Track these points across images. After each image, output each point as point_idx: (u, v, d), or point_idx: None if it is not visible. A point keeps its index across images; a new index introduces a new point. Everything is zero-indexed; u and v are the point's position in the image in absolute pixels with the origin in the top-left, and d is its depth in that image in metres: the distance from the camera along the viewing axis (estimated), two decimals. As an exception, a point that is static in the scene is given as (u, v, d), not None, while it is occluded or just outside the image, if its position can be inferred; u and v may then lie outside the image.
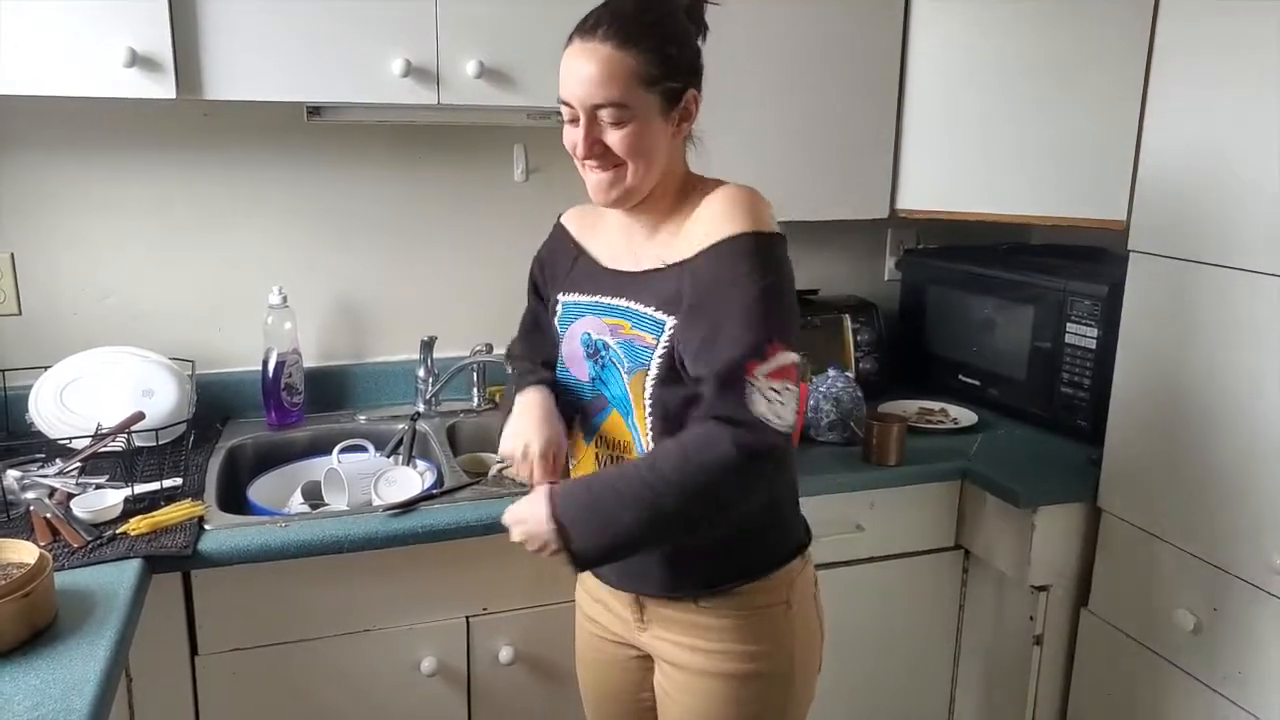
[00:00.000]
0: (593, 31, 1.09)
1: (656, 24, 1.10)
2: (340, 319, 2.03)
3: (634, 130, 1.10)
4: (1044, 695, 1.84)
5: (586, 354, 1.23)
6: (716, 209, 1.12)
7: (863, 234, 2.34)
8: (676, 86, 1.12)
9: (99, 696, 1.03)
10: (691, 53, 1.15)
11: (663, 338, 1.14)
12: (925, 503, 1.85)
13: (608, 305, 1.21)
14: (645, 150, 1.12)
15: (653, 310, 1.15)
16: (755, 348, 1.05)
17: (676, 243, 1.16)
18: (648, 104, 1.10)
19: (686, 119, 1.16)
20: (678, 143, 1.18)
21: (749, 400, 1.04)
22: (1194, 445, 1.55)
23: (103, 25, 1.48)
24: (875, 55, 1.96)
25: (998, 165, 1.93)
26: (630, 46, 1.07)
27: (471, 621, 1.58)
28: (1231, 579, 1.50)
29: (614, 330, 1.19)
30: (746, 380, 1.04)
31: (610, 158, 1.12)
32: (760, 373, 1.05)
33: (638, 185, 1.14)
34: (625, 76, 1.08)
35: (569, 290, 1.27)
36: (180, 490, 1.55)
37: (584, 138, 1.11)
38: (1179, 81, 1.55)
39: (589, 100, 1.09)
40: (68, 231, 1.83)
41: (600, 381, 1.22)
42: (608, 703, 1.38)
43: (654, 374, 1.14)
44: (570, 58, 1.10)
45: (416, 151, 2.00)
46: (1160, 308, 1.60)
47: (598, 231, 1.28)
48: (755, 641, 1.20)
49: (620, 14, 1.09)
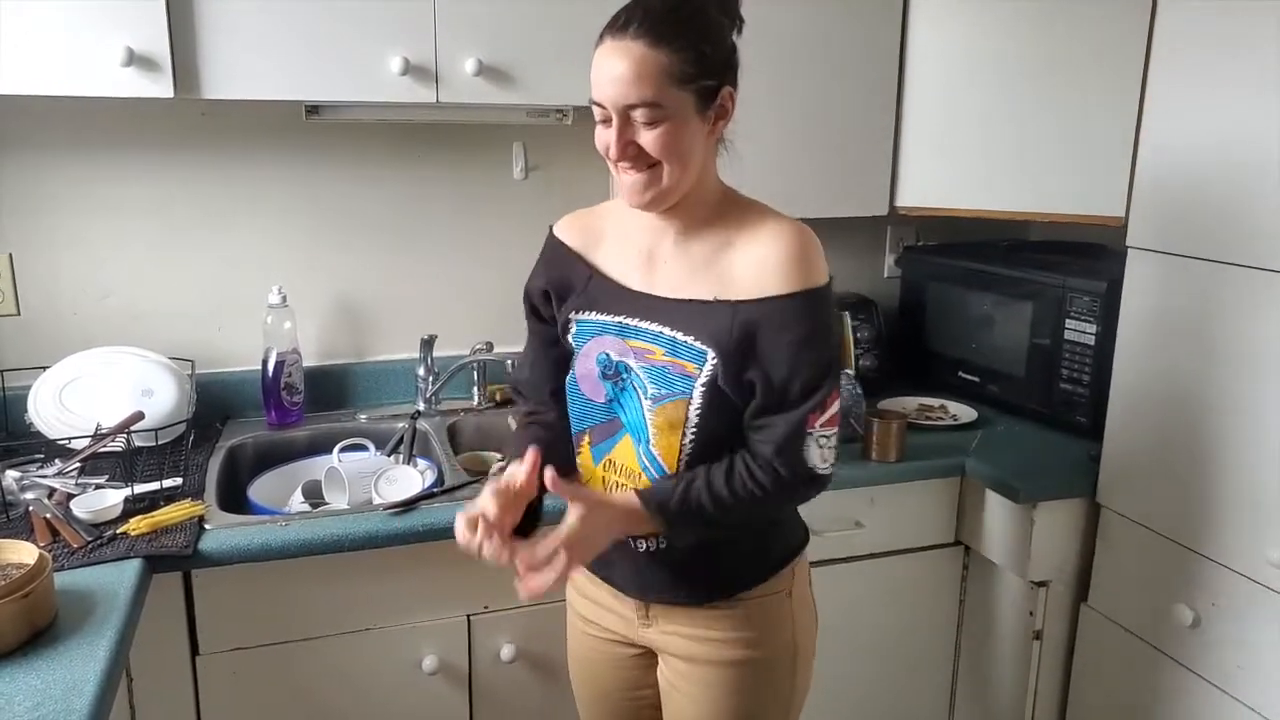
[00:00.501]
0: (624, 30, 1.05)
1: (689, 20, 1.07)
2: (340, 318, 2.03)
3: (668, 130, 1.06)
4: (1044, 690, 1.84)
5: (603, 374, 1.20)
6: (781, 254, 1.11)
7: (862, 231, 2.34)
8: (711, 84, 1.08)
9: (99, 697, 1.03)
10: (726, 48, 1.11)
11: (705, 367, 1.13)
12: (925, 499, 1.85)
13: (635, 328, 1.17)
14: (681, 150, 1.08)
15: (693, 340, 1.13)
16: (820, 404, 1.12)
17: (726, 276, 1.13)
18: (682, 103, 1.06)
19: (723, 117, 1.12)
20: (712, 144, 1.14)
21: (807, 453, 1.13)
22: (1193, 441, 1.55)
23: (100, 25, 1.48)
24: (875, 52, 1.96)
25: (997, 162, 1.93)
26: (663, 44, 1.04)
27: (473, 620, 1.58)
28: (1230, 574, 1.51)
29: (640, 354, 1.16)
30: (806, 433, 1.12)
31: (644, 159, 1.08)
32: (819, 424, 1.12)
33: (673, 186, 1.10)
34: (658, 75, 1.04)
35: (586, 309, 1.21)
36: (180, 490, 1.55)
37: (617, 139, 1.07)
38: (1177, 78, 1.54)
39: (621, 100, 1.05)
40: (66, 231, 1.83)
41: (617, 404, 1.20)
42: (603, 701, 1.38)
43: (698, 403, 1.14)
44: (601, 57, 1.07)
45: (415, 150, 2.00)
46: (1159, 303, 1.60)
47: (604, 243, 1.23)
48: (759, 629, 1.22)
49: (652, 11, 1.05)
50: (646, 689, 1.33)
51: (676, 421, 1.15)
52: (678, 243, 1.17)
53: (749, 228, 1.14)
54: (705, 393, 1.13)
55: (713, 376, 1.12)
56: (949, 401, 2.12)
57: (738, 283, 1.13)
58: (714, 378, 1.12)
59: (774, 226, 1.14)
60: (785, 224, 1.14)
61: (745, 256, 1.13)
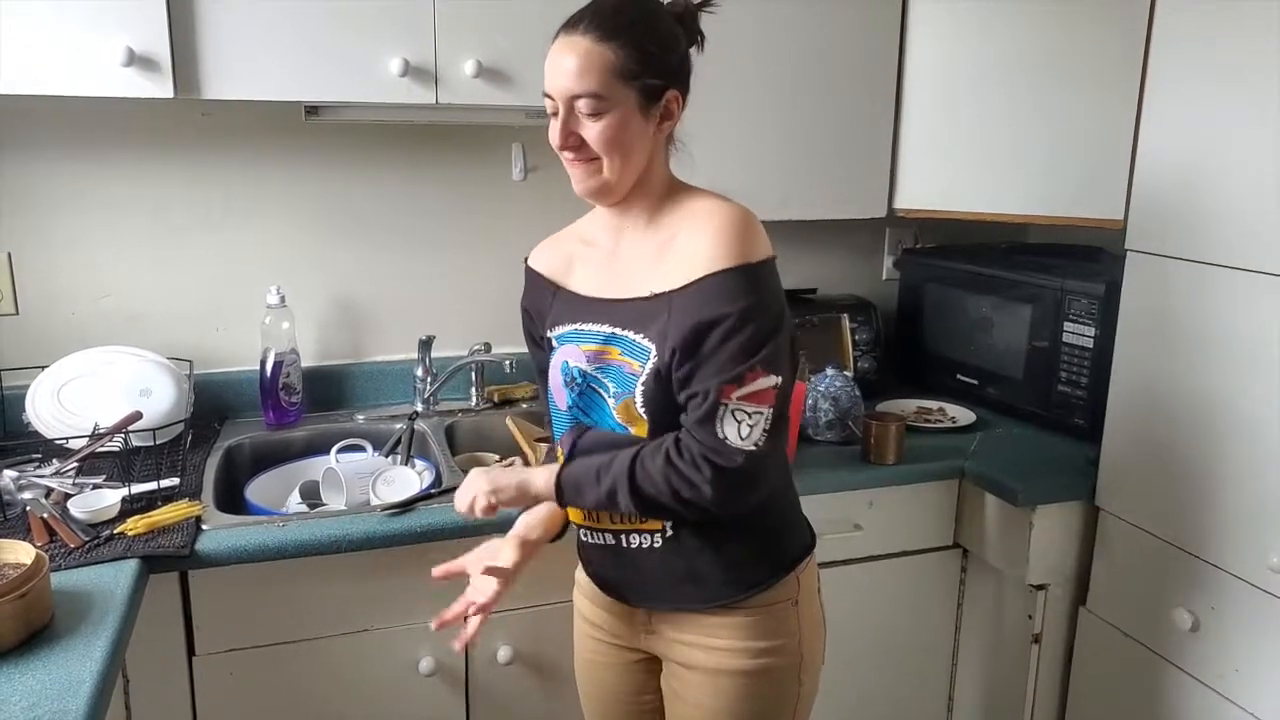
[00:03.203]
0: (575, 26, 1.11)
1: (637, 20, 1.12)
2: (338, 318, 2.03)
3: (610, 123, 1.11)
4: (1042, 694, 1.84)
5: (565, 382, 1.23)
6: (706, 238, 1.12)
7: (861, 233, 2.34)
8: (656, 84, 1.12)
9: (95, 697, 1.03)
10: (676, 55, 1.16)
11: (647, 365, 1.14)
12: (923, 502, 1.85)
13: (588, 332, 1.21)
14: (621, 144, 1.12)
15: (640, 337, 1.16)
16: (735, 377, 1.09)
17: (664, 267, 1.15)
18: (625, 98, 1.11)
19: (667, 118, 1.16)
20: (659, 142, 1.18)
21: (721, 424, 1.09)
22: (1191, 444, 1.55)
23: (100, 25, 1.48)
24: (873, 55, 1.96)
25: (995, 165, 1.93)
26: (609, 40, 1.09)
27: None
28: (1229, 577, 1.51)
29: (594, 357, 1.19)
30: (720, 403, 1.09)
31: (586, 150, 1.13)
32: (735, 396, 1.09)
33: (614, 179, 1.14)
34: (602, 68, 1.09)
35: (553, 325, 1.26)
36: (178, 490, 1.55)
37: (561, 128, 1.12)
38: (1175, 81, 1.55)
39: (567, 91, 1.11)
40: (65, 231, 1.83)
41: (579, 409, 1.22)
42: (608, 706, 1.37)
43: (639, 400, 1.15)
44: (553, 51, 1.12)
45: (414, 151, 2.00)
46: (1157, 306, 1.60)
47: (573, 267, 1.27)
48: (764, 637, 1.21)
49: (602, 10, 1.12)
50: (650, 695, 1.33)
51: (634, 418, 1.17)
52: (630, 240, 1.21)
53: (691, 217, 1.16)
54: (645, 389, 1.14)
55: (654, 371, 1.14)
56: (947, 404, 2.12)
57: (675, 273, 1.14)
58: (655, 372, 1.14)
59: (709, 210, 1.15)
60: (719, 205, 1.15)
61: (684, 245, 1.15)
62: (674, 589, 1.22)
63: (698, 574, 1.20)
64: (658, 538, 1.20)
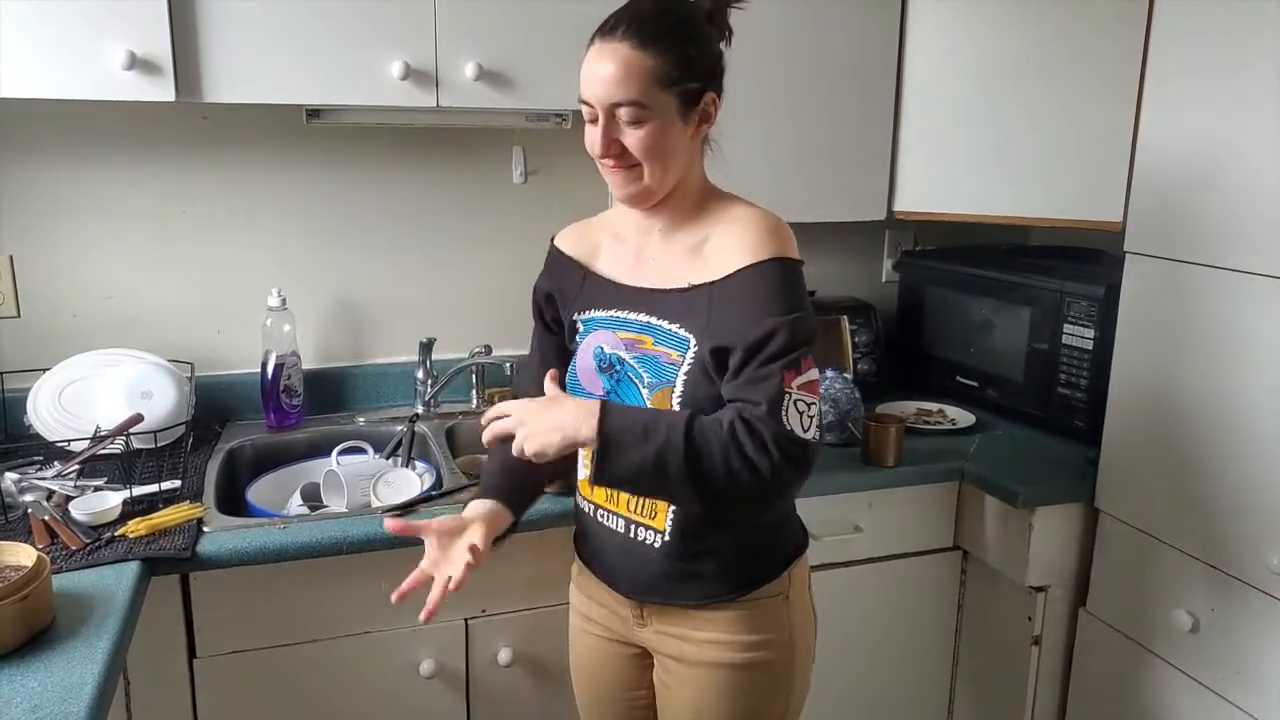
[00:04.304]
0: (613, 32, 1.10)
1: (676, 25, 1.11)
2: (339, 321, 2.03)
3: (651, 130, 1.11)
4: (1042, 696, 1.84)
5: (599, 368, 1.23)
6: (745, 234, 1.14)
7: (860, 235, 2.34)
8: (695, 88, 1.12)
9: (97, 699, 1.03)
10: (711, 56, 1.16)
11: (688, 355, 1.15)
12: (923, 504, 1.85)
13: (624, 320, 1.22)
14: (662, 151, 1.13)
15: (677, 328, 1.16)
16: (794, 361, 1.09)
17: (702, 264, 1.17)
18: (665, 104, 1.11)
19: (705, 121, 1.16)
20: (696, 145, 1.19)
21: (785, 412, 1.07)
22: (1191, 445, 1.55)
23: (102, 28, 1.48)
24: (873, 57, 1.96)
25: (994, 167, 1.94)
26: (649, 47, 1.09)
27: (470, 624, 1.58)
28: (1229, 579, 1.51)
29: (631, 345, 1.20)
30: (784, 391, 1.08)
31: (627, 158, 1.13)
32: (796, 384, 1.09)
33: (655, 185, 1.15)
34: (643, 76, 1.09)
35: (584, 308, 1.27)
36: (179, 492, 1.55)
37: (602, 136, 1.12)
38: (1174, 83, 1.55)
39: (607, 99, 1.10)
40: (67, 233, 1.83)
41: (616, 396, 1.22)
42: (602, 701, 1.38)
43: (679, 390, 1.15)
44: (590, 58, 1.12)
45: (415, 154, 2.00)
46: (1156, 308, 1.60)
47: (600, 252, 1.28)
48: (755, 632, 1.22)
49: (640, 15, 1.11)
50: (643, 690, 1.34)
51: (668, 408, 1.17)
52: (663, 238, 1.22)
53: (726, 219, 1.18)
54: (688, 380, 1.15)
55: (695, 362, 1.14)
56: (947, 406, 2.12)
57: (712, 267, 1.16)
58: (697, 363, 1.14)
59: (746, 213, 1.18)
60: (758, 211, 1.18)
61: (721, 242, 1.16)
62: (669, 585, 1.22)
63: (694, 573, 1.21)
64: (658, 538, 1.21)
